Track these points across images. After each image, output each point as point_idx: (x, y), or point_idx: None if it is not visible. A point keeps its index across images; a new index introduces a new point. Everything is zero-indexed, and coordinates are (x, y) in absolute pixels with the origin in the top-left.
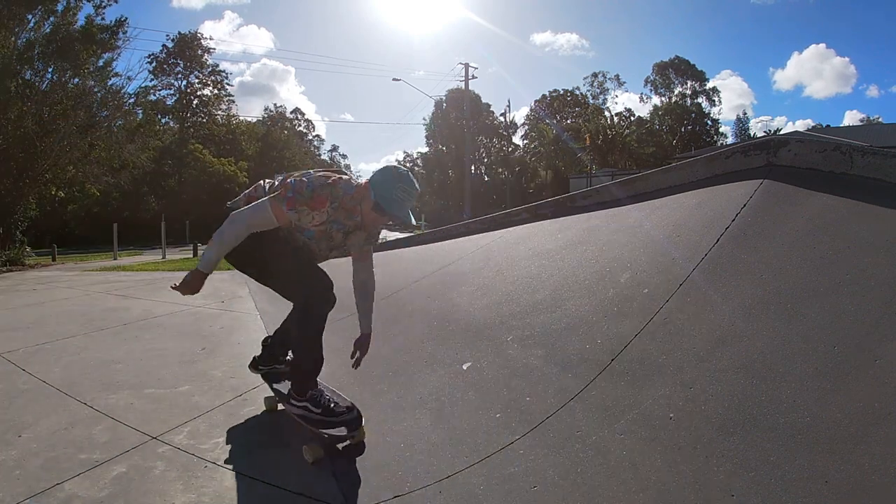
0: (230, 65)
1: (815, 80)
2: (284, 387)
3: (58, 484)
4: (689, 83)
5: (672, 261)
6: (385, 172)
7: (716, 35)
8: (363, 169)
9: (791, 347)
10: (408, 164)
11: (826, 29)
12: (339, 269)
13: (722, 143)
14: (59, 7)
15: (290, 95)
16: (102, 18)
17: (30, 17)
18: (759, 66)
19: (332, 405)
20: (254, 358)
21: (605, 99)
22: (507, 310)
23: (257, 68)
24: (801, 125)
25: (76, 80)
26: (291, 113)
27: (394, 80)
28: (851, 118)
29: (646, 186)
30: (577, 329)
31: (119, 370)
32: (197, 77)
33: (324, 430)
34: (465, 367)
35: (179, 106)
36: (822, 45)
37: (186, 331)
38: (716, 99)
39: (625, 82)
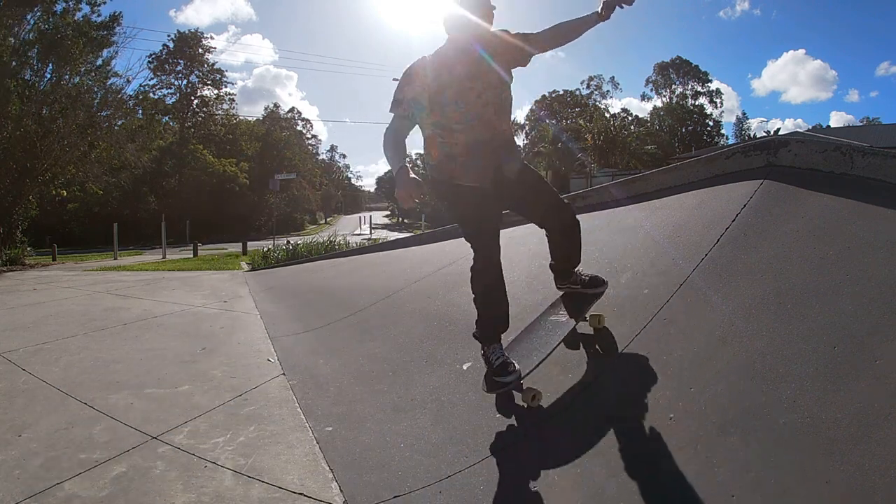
0: (234, 75)
1: (793, 86)
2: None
3: (58, 484)
4: (690, 84)
5: (672, 261)
6: None
7: (697, 46)
8: (362, 170)
9: (791, 348)
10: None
11: (805, 36)
12: (339, 269)
13: (723, 144)
14: (59, 8)
15: (293, 101)
16: (98, 15)
17: (30, 18)
18: (739, 73)
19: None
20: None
21: (606, 104)
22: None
23: (260, 77)
24: (790, 125)
25: (76, 78)
26: (288, 112)
27: (394, 80)
28: (837, 119)
29: (646, 187)
30: (578, 329)
31: (119, 370)
32: (197, 76)
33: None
34: (465, 367)
35: (180, 106)
36: (802, 51)
37: (186, 331)
38: (718, 101)
39: (619, 83)
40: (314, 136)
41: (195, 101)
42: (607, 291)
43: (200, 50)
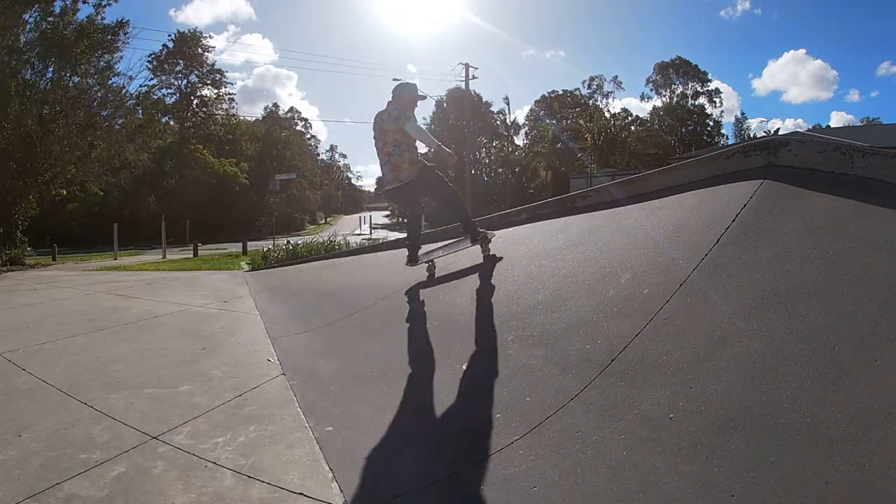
0: (234, 74)
1: (794, 86)
2: (435, 254)
3: (58, 484)
4: (690, 84)
5: (672, 261)
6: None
7: (697, 46)
8: (362, 170)
9: (791, 348)
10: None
11: (805, 36)
12: (339, 269)
13: (723, 144)
14: (57, 7)
15: (293, 101)
16: (103, 18)
17: (29, 18)
18: (740, 73)
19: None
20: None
21: (607, 104)
22: (507, 310)
23: (260, 77)
24: (791, 125)
25: (76, 79)
26: (288, 112)
27: (394, 80)
28: (838, 119)
29: (646, 187)
30: (577, 329)
31: (119, 370)
32: (197, 76)
33: (488, 238)
34: (465, 367)
35: (180, 106)
36: (802, 51)
37: (186, 331)
38: (717, 100)
39: (622, 82)
40: (313, 136)
41: (195, 101)
42: (608, 292)
43: (200, 50)
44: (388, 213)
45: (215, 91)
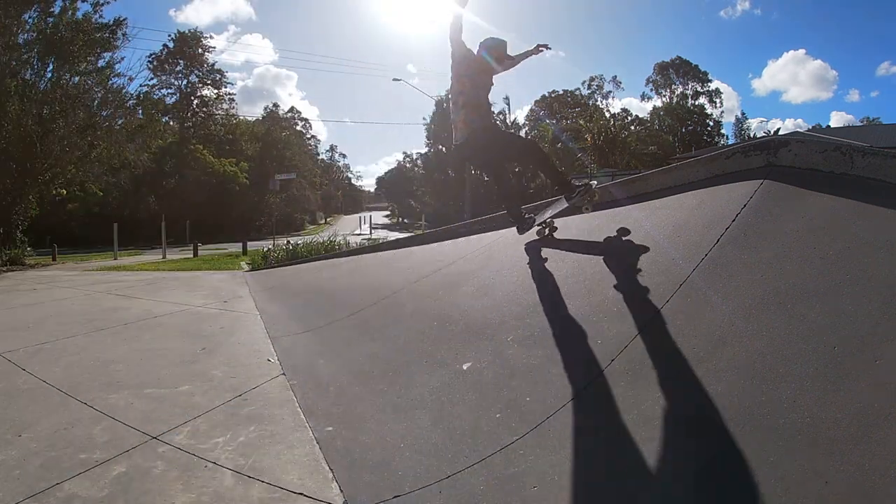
0: (234, 74)
1: (794, 86)
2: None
3: (58, 484)
4: (690, 84)
5: (672, 261)
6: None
7: (697, 46)
8: (362, 170)
9: (791, 348)
10: (408, 165)
11: (805, 36)
12: (339, 269)
13: (723, 144)
14: (57, 7)
15: (293, 101)
16: (101, 17)
17: (28, 18)
18: (740, 73)
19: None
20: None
21: (607, 104)
22: (507, 310)
23: (260, 77)
24: (791, 125)
25: (75, 79)
26: (288, 112)
27: (394, 80)
28: (837, 119)
29: (646, 187)
30: (577, 329)
31: (119, 370)
32: (197, 76)
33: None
34: (465, 367)
35: (180, 106)
36: (802, 51)
37: (186, 331)
38: (717, 100)
39: (620, 81)
40: (313, 136)
41: (195, 101)
42: (608, 292)
43: (200, 50)
44: (388, 213)
45: (215, 91)
